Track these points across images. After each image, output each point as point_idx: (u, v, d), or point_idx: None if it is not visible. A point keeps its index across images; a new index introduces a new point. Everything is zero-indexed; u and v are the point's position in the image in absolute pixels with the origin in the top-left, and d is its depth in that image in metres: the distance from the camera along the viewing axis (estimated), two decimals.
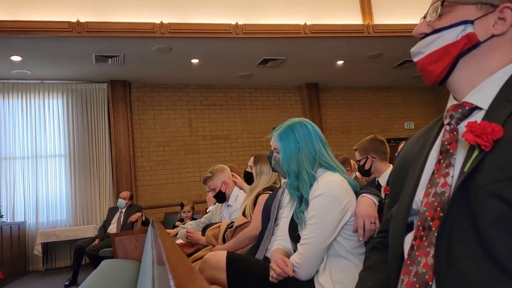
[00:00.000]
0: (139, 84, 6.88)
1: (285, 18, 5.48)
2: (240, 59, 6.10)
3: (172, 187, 6.85)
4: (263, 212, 2.11)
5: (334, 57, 6.41)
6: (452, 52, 0.85)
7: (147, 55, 5.63)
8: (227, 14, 5.31)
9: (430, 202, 0.81)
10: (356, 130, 8.06)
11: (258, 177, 2.47)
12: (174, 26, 5.05)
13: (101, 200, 6.41)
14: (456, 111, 0.85)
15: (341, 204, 1.42)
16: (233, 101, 7.42)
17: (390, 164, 2.88)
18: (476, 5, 0.84)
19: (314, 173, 1.50)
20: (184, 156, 7.00)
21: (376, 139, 2.86)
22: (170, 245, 0.84)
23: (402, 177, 0.96)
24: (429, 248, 0.78)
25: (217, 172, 2.98)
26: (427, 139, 0.94)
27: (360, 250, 1.45)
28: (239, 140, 7.35)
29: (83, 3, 4.94)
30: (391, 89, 8.46)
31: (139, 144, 6.79)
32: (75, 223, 6.24)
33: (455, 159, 0.81)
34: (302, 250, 1.41)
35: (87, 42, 5.06)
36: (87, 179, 6.37)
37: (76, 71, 6.05)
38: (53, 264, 6.17)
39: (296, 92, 7.84)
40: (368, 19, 5.70)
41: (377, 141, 2.84)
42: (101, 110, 6.59)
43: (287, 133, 1.57)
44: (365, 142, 2.84)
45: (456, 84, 0.88)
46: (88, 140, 6.47)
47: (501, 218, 0.69)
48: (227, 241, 2.39)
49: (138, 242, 2.83)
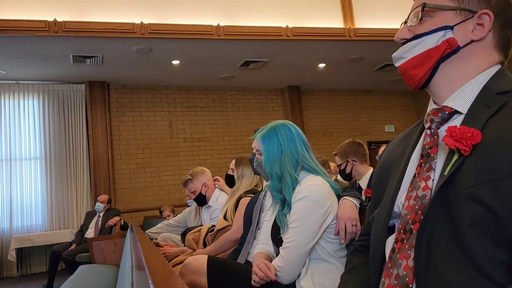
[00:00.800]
0: (118, 85, 6.77)
1: (267, 20, 5.50)
2: (222, 60, 6.08)
3: (151, 190, 6.76)
4: (244, 216, 2.10)
5: (316, 60, 6.47)
6: (433, 57, 0.86)
7: (127, 56, 5.55)
8: (208, 15, 5.29)
9: (412, 205, 0.82)
10: (338, 133, 8.14)
11: (240, 180, 2.46)
12: (155, 27, 5.00)
13: (78, 204, 6.26)
14: (436, 116, 0.86)
15: (323, 207, 1.42)
16: (215, 103, 7.39)
17: (370, 166, 2.91)
18: (455, 11, 0.85)
19: (296, 176, 1.50)
20: (164, 158, 6.92)
21: (354, 142, 2.90)
22: (149, 250, 0.82)
23: (383, 180, 0.96)
24: (409, 251, 0.79)
25: (197, 175, 2.96)
26: (408, 142, 0.95)
27: (342, 253, 1.46)
28: (220, 143, 7.31)
29: (61, 2, 4.83)
30: (371, 92, 8.58)
31: (118, 147, 6.67)
32: (51, 228, 6.08)
33: (435, 162, 0.82)
34: (284, 254, 1.41)
35: (64, 42, 4.95)
36: (63, 183, 6.22)
37: (53, 71, 5.91)
38: (28, 270, 5.99)
39: (278, 95, 7.87)
40: (349, 23, 5.77)
41: (355, 144, 2.88)
42: (78, 112, 6.45)
43: (270, 135, 1.56)
44: (344, 146, 2.87)
45: (437, 89, 0.89)
46: (65, 142, 6.32)
47: (479, 221, 0.70)
48: (208, 245, 2.36)
49: (116, 247, 2.77)
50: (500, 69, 0.86)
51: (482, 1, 0.84)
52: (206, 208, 3.00)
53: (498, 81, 0.83)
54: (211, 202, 2.92)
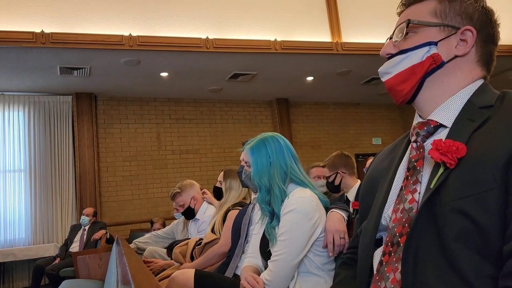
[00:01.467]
0: (105, 97, 6.73)
1: (256, 33, 5.55)
2: (211, 73, 6.09)
3: (138, 203, 6.67)
4: (233, 229, 2.08)
5: (304, 73, 6.53)
6: (419, 72, 0.88)
7: (115, 68, 5.53)
8: (197, 28, 5.32)
9: (399, 218, 0.82)
10: (326, 145, 8.19)
11: (228, 193, 2.45)
12: (143, 39, 5.00)
13: (63, 217, 6.14)
14: (422, 129, 0.88)
15: (311, 220, 1.42)
16: (203, 115, 7.38)
17: (358, 179, 2.92)
18: (439, 27, 0.87)
19: (285, 188, 1.50)
20: (152, 171, 6.86)
21: (342, 154, 2.92)
22: (135, 264, 0.81)
23: (371, 193, 0.97)
24: (397, 264, 0.79)
25: (186, 188, 2.93)
26: (395, 155, 0.96)
27: (330, 266, 1.45)
28: (208, 155, 7.29)
29: (49, 14, 4.80)
30: (359, 105, 8.68)
31: (105, 159, 6.59)
32: (35, 242, 5.94)
33: (422, 175, 0.83)
34: (273, 267, 1.40)
35: (51, 54, 4.91)
36: (48, 195, 6.10)
37: (39, 83, 5.84)
38: (11, 285, 5.83)
39: (267, 107, 7.90)
40: (336, 37, 5.86)
41: (344, 156, 2.90)
42: (65, 123, 6.37)
43: (259, 147, 1.56)
44: (333, 158, 2.89)
45: (422, 103, 0.90)
46: (50, 154, 6.22)
47: (464, 233, 0.70)
48: (195, 258, 2.33)
49: (102, 261, 2.73)
50: (483, 83, 0.88)
51: (465, 18, 0.87)
52: (193, 221, 2.97)
53: (482, 95, 0.84)
54: (199, 215, 2.90)
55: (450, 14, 0.87)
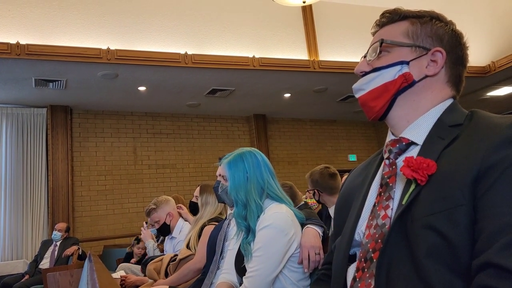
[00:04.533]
0: (81, 110, 6.60)
1: (234, 50, 5.60)
2: (189, 88, 6.09)
3: (113, 218, 6.51)
4: (208, 245, 2.05)
5: (281, 90, 6.61)
6: (391, 89, 0.90)
7: (92, 81, 5.45)
8: (176, 43, 5.32)
9: (372, 234, 0.83)
10: (303, 161, 8.25)
11: (204, 208, 2.42)
12: (121, 53, 4.96)
13: (33, 232, 5.92)
14: (394, 146, 0.90)
15: (287, 236, 1.42)
16: (181, 130, 7.33)
17: None
18: (411, 48, 0.91)
19: (261, 204, 1.49)
20: (127, 185, 6.72)
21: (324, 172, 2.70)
22: (106, 281, 0.79)
23: (345, 209, 0.98)
24: (370, 280, 0.79)
25: (162, 204, 2.89)
26: (368, 172, 0.98)
27: (305, 282, 1.45)
28: (185, 170, 7.21)
29: (25, 25, 4.71)
30: (335, 122, 8.82)
31: (79, 173, 6.43)
32: (3, 258, 5.69)
33: (394, 192, 0.85)
34: (248, 284, 1.38)
35: (27, 65, 4.80)
36: (19, 209, 5.88)
37: (13, 94, 5.69)
38: None
39: (244, 123, 7.93)
40: (313, 55, 5.98)
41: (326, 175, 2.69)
42: (38, 136, 6.20)
43: (237, 162, 1.56)
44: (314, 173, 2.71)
45: (394, 120, 0.93)
46: (22, 167, 6.02)
47: (435, 249, 0.71)
48: (170, 275, 2.28)
49: (73, 278, 2.63)
50: (453, 103, 0.91)
51: (435, 39, 0.90)
52: (169, 239, 2.92)
53: (451, 114, 0.87)
54: (175, 233, 2.85)
55: (422, 36, 0.91)
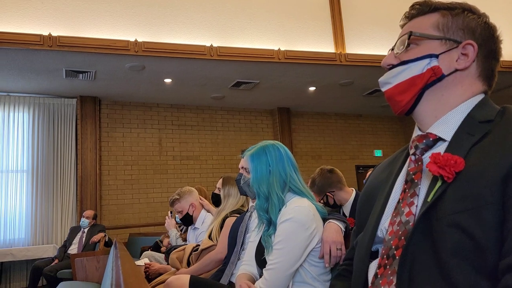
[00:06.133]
0: (109, 101, 6.76)
1: (260, 42, 5.58)
2: (213, 80, 6.12)
3: (138, 207, 6.67)
4: (229, 236, 2.07)
5: (306, 83, 6.55)
6: (418, 83, 0.88)
7: (119, 72, 5.56)
8: (202, 36, 5.36)
9: (395, 231, 0.82)
10: (327, 156, 8.18)
11: (226, 200, 2.45)
12: (148, 45, 5.03)
13: (63, 219, 6.14)
14: (420, 142, 0.88)
15: (308, 230, 1.41)
16: (205, 122, 7.40)
17: (350, 188, 2.77)
18: (440, 41, 0.88)
19: (283, 197, 1.49)
20: (152, 176, 6.86)
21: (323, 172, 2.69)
22: (129, 268, 0.81)
23: (368, 205, 0.97)
24: (392, 277, 0.78)
25: (185, 195, 2.94)
26: (393, 168, 0.96)
27: (326, 277, 1.44)
28: (209, 162, 7.29)
29: (57, 17, 4.85)
30: (361, 116, 8.69)
31: (107, 162, 6.61)
32: (34, 242, 5.92)
33: (419, 188, 0.83)
34: (268, 276, 1.39)
35: (58, 57, 4.94)
36: (49, 197, 6.11)
37: (44, 85, 5.88)
38: (8, 285, 5.80)
39: (268, 116, 7.92)
40: (340, 48, 5.89)
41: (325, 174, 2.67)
42: (68, 126, 6.39)
43: (260, 154, 1.56)
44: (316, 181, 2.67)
45: (421, 115, 0.90)
46: (53, 156, 6.23)
47: (461, 248, 0.70)
48: (192, 264, 2.32)
49: (99, 264, 2.72)
50: (484, 98, 0.87)
51: (467, 32, 0.87)
52: (192, 229, 2.97)
53: (482, 110, 0.84)
54: (198, 224, 2.90)
55: (453, 28, 0.88)
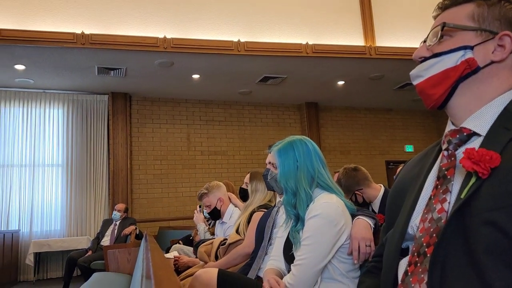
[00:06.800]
0: (139, 97, 6.92)
1: (287, 36, 5.55)
2: (241, 76, 6.14)
3: (167, 201, 6.81)
4: (257, 231, 2.08)
5: (334, 77, 6.47)
6: (452, 76, 0.85)
7: (149, 69, 5.68)
8: (229, 31, 5.38)
9: (426, 228, 0.80)
10: (355, 151, 8.06)
11: (253, 195, 2.46)
12: (177, 41, 5.11)
13: (96, 212, 6.35)
14: (454, 137, 0.85)
15: (336, 226, 1.40)
16: (232, 118, 7.44)
17: (379, 184, 2.72)
18: (475, 32, 0.84)
19: (311, 193, 1.48)
20: (181, 170, 6.98)
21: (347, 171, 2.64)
22: (159, 260, 0.83)
23: (399, 201, 0.95)
24: (423, 275, 0.77)
25: (213, 189, 2.97)
26: (425, 163, 0.94)
27: (354, 273, 1.43)
28: (236, 157, 7.34)
29: (89, 16, 5.00)
30: (391, 111, 8.50)
31: (137, 157, 6.77)
32: (69, 234, 6.17)
33: (452, 185, 0.81)
34: (295, 271, 1.39)
35: (90, 54, 5.10)
36: (83, 190, 6.34)
37: (78, 82, 6.08)
38: (45, 275, 6.08)
39: (296, 111, 7.87)
40: (370, 41, 5.77)
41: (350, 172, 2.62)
42: (101, 122, 6.60)
43: (287, 150, 1.55)
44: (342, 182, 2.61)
45: (455, 109, 0.88)
46: (86, 151, 6.45)
47: (495, 246, 0.68)
48: (220, 258, 2.35)
49: (130, 256, 2.79)
50: None
51: (504, 23, 0.83)
52: (220, 224, 3.00)
53: None
54: (225, 218, 2.93)
55: (489, 19, 0.84)
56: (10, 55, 4.99)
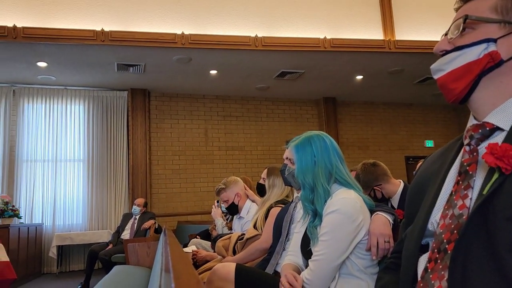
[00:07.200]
0: (158, 93, 6.99)
1: (305, 31, 5.51)
2: (258, 71, 6.14)
3: (186, 196, 6.88)
4: (274, 226, 2.09)
5: (353, 72, 6.39)
6: (474, 70, 0.83)
7: (167, 65, 5.73)
8: (246, 26, 5.37)
9: (447, 224, 0.79)
10: (374, 146, 7.97)
11: (271, 190, 2.46)
12: (195, 37, 5.14)
13: (116, 206, 6.47)
14: (476, 132, 0.83)
15: (355, 222, 1.39)
16: (250, 113, 7.45)
17: (398, 180, 2.69)
18: (499, 24, 0.82)
19: (329, 188, 1.47)
20: (199, 166, 7.04)
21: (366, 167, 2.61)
22: (178, 254, 0.84)
23: (418, 197, 0.94)
24: (443, 271, 0.76)
25: (231, 184, 2.99)
26: (446, 159, 0.92)
27: (373, 269, 1.42)
28: (253, 152, 7.35)
29: (108, 13, 5.07)
30: (411, 106, 8.36)
31: (156, 152, 6.86)
32: (90, 228, 6.31)
33: (474, 181, 0.79)
34: (313, 267, 1.39)
35: (110, 51, 5.18)
36: (103, 185, 6.46)
37: (98, 78, 6.19)
38: (67, 267, 6.24)
39: (313, 106, 7.83)
40: (389, 35, 5.68)
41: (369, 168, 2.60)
42: (120, 117, 6.70)
43: (304, 145, 1.54)
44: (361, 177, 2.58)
45: (477, 103, 0.86)
46: (106, 146, 6.57)
47: None
48: (237, 253, 2.37)
49: (150, 249, 2.83)
50: None
51: None
52: (237, 219, 3.02)
53: None
54: (243, 213, 2.94)
55: None
56: (33, 53, 5.11)
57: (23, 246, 5.30)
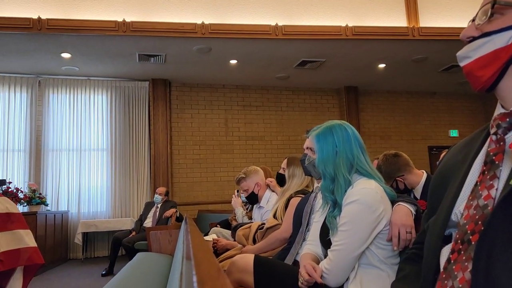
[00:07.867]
0: (179, 83, 7.05)
1: (326, 19, 5.42)
2: (278, 60, 6.09)
3: (206, 185, 6.96)
4: (294, 216, 2.09)
5: (375, 60, 6.27)
6: (502, 57, 0.80)
7: (188, 55, 5.75)
8: (267, 15, 5.33)
9: (471, 215, 0.77)
10: (396, 136, 7.84)
11: (290, 180, 2.46)
12: (215, 27, 5.13)
13: (138, 194, 6.61)
14: (503, 121, 0.81)
15: (375, 212, 1.37)
16: (270, 103, 7.43)
17: (421, 170, 2.64)
18: None
19: (350, 178, 1.46)
20: (219, 155, 7.09)
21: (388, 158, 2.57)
22: (199, 242, 0.85)
23: (442, 188, 0.92)
24: (467, 263, 0.75)
25: (251, 174, 3.00)
26: (471, 148, 0.90)
27: (393, 260, 1.40)
28: (273, 142, 7.35)
29: (130, 3, 5.12)
30: (435, 94, 8.16)
31: (177, 142, 6.94)
32: (114, 215, 6.47)
33: (500, 171, 0.77)
34: (332, 257, 1.38)
35: (131, 41, 5.24)
36: (126, 174, 6.60)
37: (120, 69, 6.28)
38: (92, 254, 6.43)
39: (334, 95, 7.73)
40: (413, 22, 5.53)
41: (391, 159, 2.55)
42: (142, 107, 6.80)
43: (326, 135, 1.53)
44: (382, 168, 2.54)
45: (505, 92, 0.83)
46: (129, 135, 6.70)
47: None
48: (257, 242, 2.39)
49: (171, 237, 2.88)
50: None
51: None
52: (257, 208, 3.03)
53: None
54: (263, 202, 2.95)
55: None
56: (57, 44, 5.22)
57: (50, 232, 5.48)
